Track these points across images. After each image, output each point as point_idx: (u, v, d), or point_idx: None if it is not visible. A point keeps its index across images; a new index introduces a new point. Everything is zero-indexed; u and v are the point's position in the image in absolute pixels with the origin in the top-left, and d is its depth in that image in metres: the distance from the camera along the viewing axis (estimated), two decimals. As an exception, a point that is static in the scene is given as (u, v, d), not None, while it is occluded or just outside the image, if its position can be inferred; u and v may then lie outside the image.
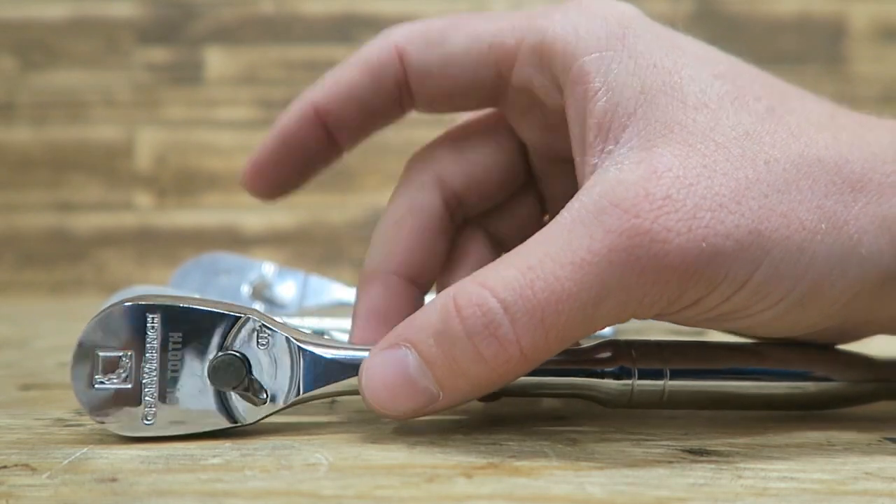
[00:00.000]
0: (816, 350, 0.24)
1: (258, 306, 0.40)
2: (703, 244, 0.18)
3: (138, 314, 0.20)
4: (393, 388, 0.20)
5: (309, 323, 0.37)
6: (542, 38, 0.21)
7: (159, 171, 0.86)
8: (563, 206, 0.20)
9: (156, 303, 0.21)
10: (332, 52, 0.89)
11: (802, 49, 0.89)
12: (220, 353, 0.21)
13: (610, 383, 0.22)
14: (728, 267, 0.19)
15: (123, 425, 0.21)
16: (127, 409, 0.20)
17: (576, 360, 0.22)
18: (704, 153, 0.19)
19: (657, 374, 0.22)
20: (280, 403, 0.21)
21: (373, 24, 0.89)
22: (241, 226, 0.87)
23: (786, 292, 0.20)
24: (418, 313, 0.20)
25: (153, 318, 0.21)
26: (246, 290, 0.40)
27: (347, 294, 0.42)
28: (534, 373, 0.21)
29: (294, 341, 0.21)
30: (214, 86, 0.89)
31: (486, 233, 0.26)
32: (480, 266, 0.20)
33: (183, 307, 0.21)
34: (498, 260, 0.20)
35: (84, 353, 0.20)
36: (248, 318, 0.21)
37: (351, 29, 0.89)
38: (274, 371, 0.21)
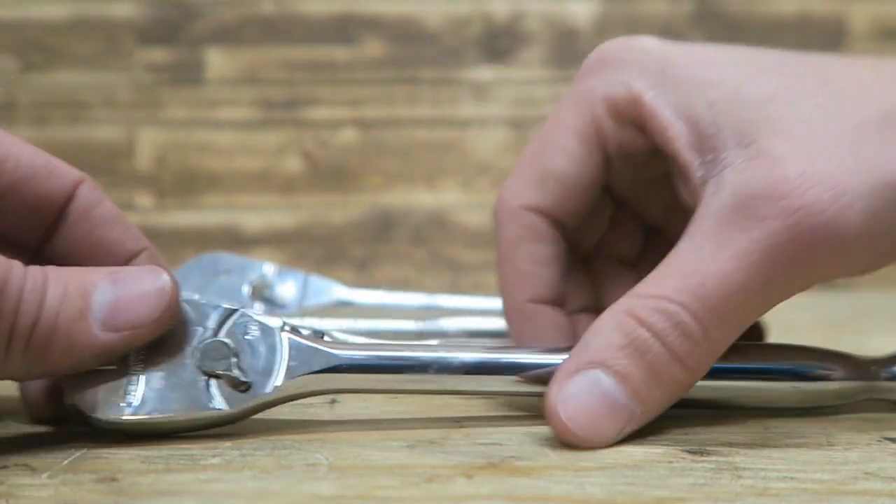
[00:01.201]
0: (803, 348, 0.24)
1: (258, 306, 0.40)
2: (857, 205, 0.19)
3: None
4: (595, 413, 0.20)
5: (309, 323, 0.37)
6: (606, 105, 0.23)
7: (160, 172, 0.86)
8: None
9: None
10: (333, 53, 0.89)
11: (802, 49, 0.89)
12: (208, 339, 0.21)
13: None
14: (883, 218, 0.20)
15: (105, 407, 0.20)
16: (110, 390, 0.20)
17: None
18: (800, 135, 0.20)
19: None
20: (264, 392, 0.21)
21: (373, 25, 0.89)
22: (241, 226, 0.87)
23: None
24: (589, 338, 0.21)
25: None
26: (246, 290, 0.40)
27: (348, 294, 0.42)
28: None
29: (280, 334, 0.22)
30: (215, 86, 0.89)
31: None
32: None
33: (186, 299, 0.21)
34: (648, 276, 0.21)
35: None
36: (238, 310, 0.22)
37: (351, 29, 0.89)
38: (259, 361, 0.21)
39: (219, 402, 0.21)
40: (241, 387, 0.21)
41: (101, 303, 0.19)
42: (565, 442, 0.20)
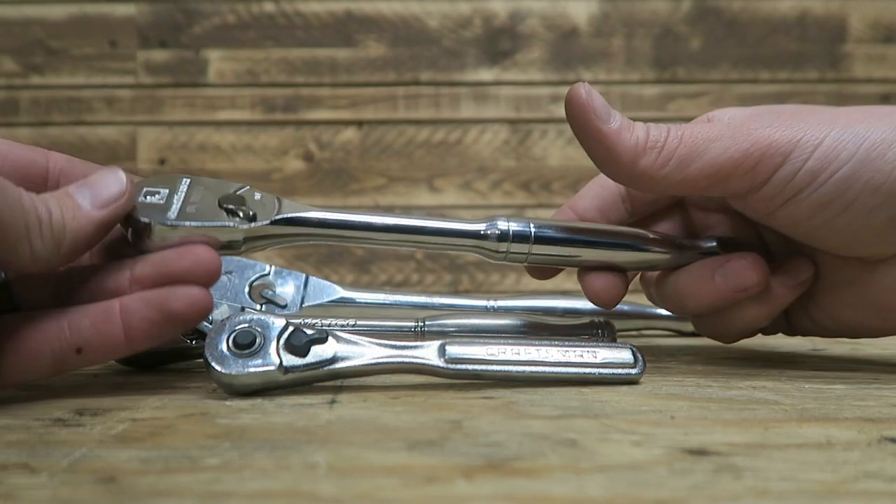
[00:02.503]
0: (644, 235, 0.35)
1: (258, 307, 0.40)
2: (787, 116, 0.30)
3: (174, 178, 0.30)
4: (600, 98, 0.31)
5: (310, 323, 0.37)
6: None
7: (161, 173, 0.86)
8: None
9: (189, 176, 0.31)
10: (333, 53, 0.89)
11: (802, 49, 0.89)
12: (228, 192, 0.31)
13: (496, 244, 0.33)
14: (805, 131, 0.29)
15: (155, 215, 0.29)
16: (160, 209, 0.29)
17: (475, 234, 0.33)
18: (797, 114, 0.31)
19: (525, 239, 0.33)
20: (264, 223, 0.30)
21: (373, 25, 0.89)
22: (241, 227, 0.87)
23: (845, 160, 0.29)
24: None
25: (185, 181, 0.30)
26: (246, 290, 0.40)
27: (347, 294, 0.42)
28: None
29: (276, 198, 0.31)
30: (215, 87, 0.89)
31: None
32: None
33: (208, 178, 0.31)
34: None
35: (140, 185, 0.30)
36: (247, 186, 0.31)
37: (351, 30, 0.89)
38: (260, 206, 0.31)
39: (235, 223, 0.30)
40: (250, 218, 0.30)
41: (84, 195, 0.27)
42: (574, 106, 0.31)
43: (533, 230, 0.33)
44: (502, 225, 0.32)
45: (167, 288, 0.27)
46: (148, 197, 0.29)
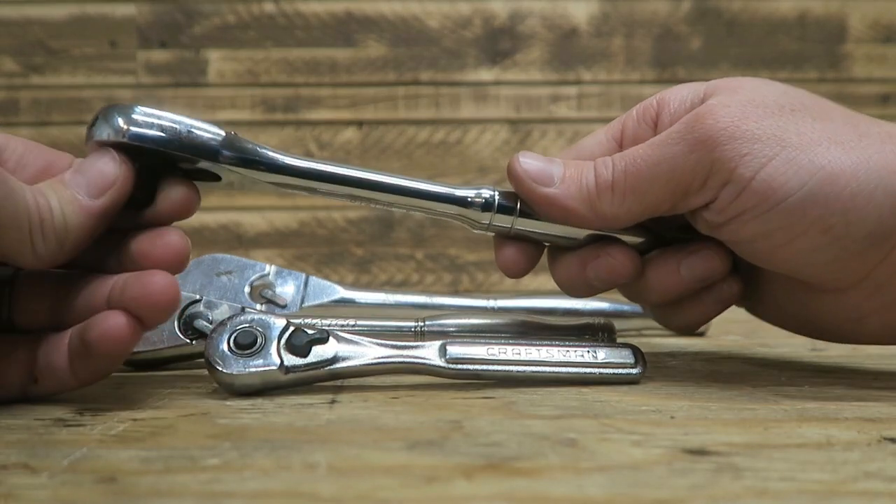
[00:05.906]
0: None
1: (258, 307, 0.40)
2: (733, 127, 0.27)
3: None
4: (537, 169, 0.30)
5: (310, 322, 0.36)
6: (640, 110, 0.32)
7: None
8: None
9: None
10: (333, 53, 0.89)
11: (802, 49, 0.89)
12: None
13: (479, 213, 0.31)
14: (751, 146, 0.27)
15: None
16: None
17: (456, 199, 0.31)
18: (746, 98, 0.28)
19: (510, 211, 0.31)
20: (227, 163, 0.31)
21: (373, 25, 0.89)
22: (241, 226, 0.87)
23: (795, 189, 0.26)
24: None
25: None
26: (246, 290, 0.40)
27: (347, 294, 0.42)
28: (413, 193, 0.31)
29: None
30: (216, 87, 0.89)
31: None
32: None
33: None
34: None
35: None
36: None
37: (351, 30, 0.89)
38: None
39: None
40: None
41: (78, 185, 0.26)
42: (513, 179, 0.30)
43: (520, 202, 0.31)
44: (487, 193, 0.31)
45: (90, 319, 0.25)
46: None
